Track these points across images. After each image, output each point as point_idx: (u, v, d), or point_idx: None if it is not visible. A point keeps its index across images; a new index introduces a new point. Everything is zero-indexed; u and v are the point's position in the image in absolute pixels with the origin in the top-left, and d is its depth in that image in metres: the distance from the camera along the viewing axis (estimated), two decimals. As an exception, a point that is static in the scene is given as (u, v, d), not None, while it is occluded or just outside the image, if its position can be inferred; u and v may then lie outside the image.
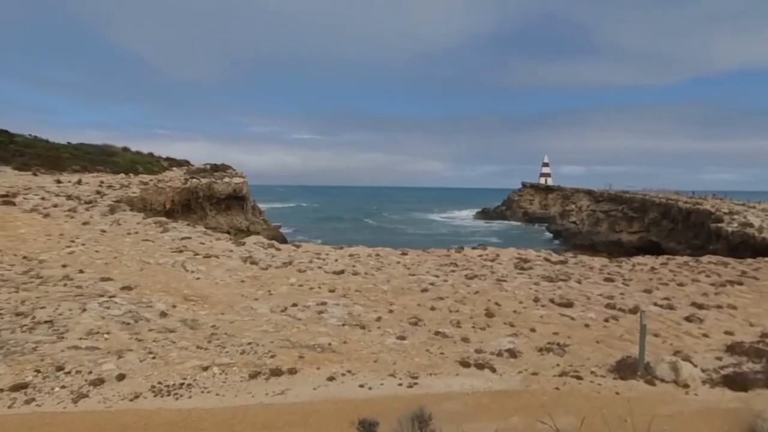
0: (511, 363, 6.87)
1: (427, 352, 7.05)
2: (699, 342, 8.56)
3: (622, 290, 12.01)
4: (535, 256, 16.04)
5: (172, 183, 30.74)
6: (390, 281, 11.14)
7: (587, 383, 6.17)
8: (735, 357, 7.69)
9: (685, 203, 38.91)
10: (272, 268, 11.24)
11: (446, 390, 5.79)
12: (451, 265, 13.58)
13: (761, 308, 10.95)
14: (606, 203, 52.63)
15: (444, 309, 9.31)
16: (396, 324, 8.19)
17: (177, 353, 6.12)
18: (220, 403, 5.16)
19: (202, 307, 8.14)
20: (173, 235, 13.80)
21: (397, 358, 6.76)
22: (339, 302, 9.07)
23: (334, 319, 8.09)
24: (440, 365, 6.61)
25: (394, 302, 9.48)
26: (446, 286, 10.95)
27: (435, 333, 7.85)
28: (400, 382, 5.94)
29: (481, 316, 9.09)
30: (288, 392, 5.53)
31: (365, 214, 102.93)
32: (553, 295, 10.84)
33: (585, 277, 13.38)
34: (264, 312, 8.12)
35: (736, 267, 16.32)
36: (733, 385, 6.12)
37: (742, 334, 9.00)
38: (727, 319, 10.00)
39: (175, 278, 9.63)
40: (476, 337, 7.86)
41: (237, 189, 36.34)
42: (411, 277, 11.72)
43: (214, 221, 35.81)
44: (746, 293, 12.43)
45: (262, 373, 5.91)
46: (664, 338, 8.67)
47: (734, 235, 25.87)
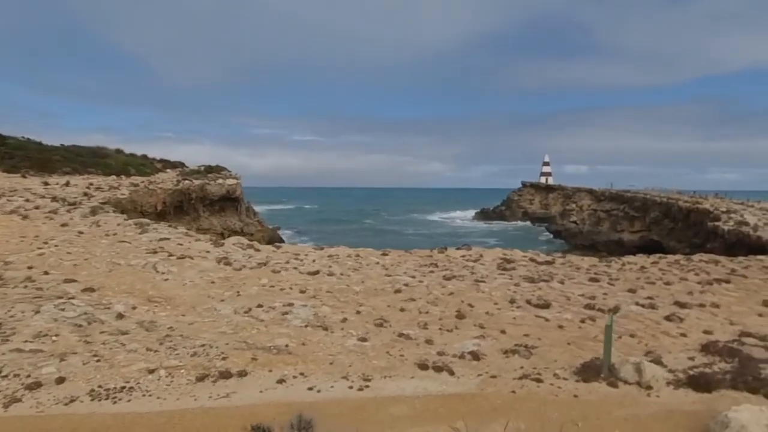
0: (472, 365, 6.72)
1: (387, 354, 6.92)
2: (676, 342, 8.40)
3: (606, 290, 11.83)
4: (521, 256, 15.87)
5: (164, 185, 30.73)
6: (364, 282, 11.01)
7: (547, 386, 6.02)
8: (708, 357, 7.52)
9: (685, 202, 38.62)
10: (246, 269, 11.13)
11: (398, 393, 5.65)
12: (431, 265, 13.43)
13: (745, 306, 10.77)
14: (607, 202, 52.31)
15: (414, 310, 9.17)
16: (361, 325, 8.06)
17: (124, 355, 6.01)
18: (158, 407, 5.05)
19: (163, 309, 8.04)
20: (151, 236, 13.72)
21: (355, 360, 6.63)
22: (307, 303, 8.95)
23: (298, 320, 7.97)
24: (398, 367, 6.48)
25: (364, 303, 9.35)
26: (421, 287, 10.81)
27: (399, 335, 7.72)
28: (351, 384, 5.81)
29: (451, 317, 8.94)
30: (233, 395, 5.41)
31: (365, 215, 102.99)
32: (531, 296, 10.68)
33: (569, 278, 13.20)
34: (227, 313, 8.01)
35: (727, 265, 16.10)
36: (697, 386, 5.95)
37: (721, 333, 8.83)
38: (709, 318, 9.82)
39: (143, 279, 9.54)
40: (441, 339, 7.72)
41: (230, 190, 36.31)
42: (387, 277, 11.59)
43: (207, 223, 35.82)
44: (733, 291, 12.24)
45: (211, 376, 5.80)
46: (640, 338, 8.51)
47: (730, 234, 25.60)
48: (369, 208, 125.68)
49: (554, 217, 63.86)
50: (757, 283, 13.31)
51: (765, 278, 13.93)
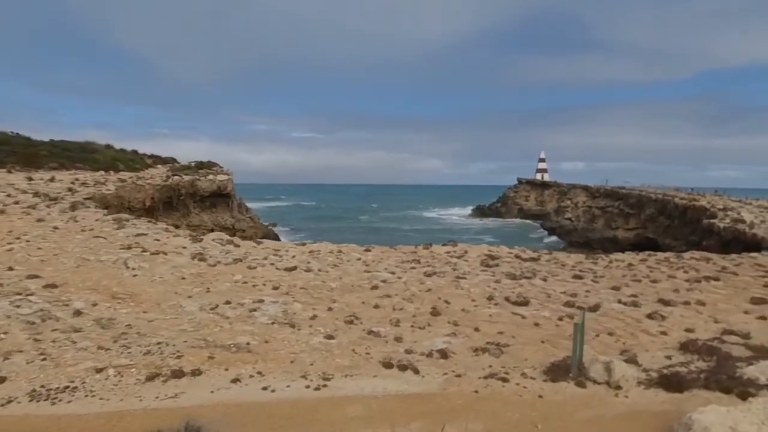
0: (439, 364, 6.53)
1: (352, 352, 6.72)
2: (655, 340, 8.22)
3: (589, 288, 11.64)
4: (507, 253, 15.67)
5: (153, 180, 30.42)
6: (342, 278, 10.80)
7: (512, 386, 5.82)
8: (687, 355, 7.34)
9: (682, 199, 38.47)
10: (221, 265, 10.92)
11: (356, 393, 5.45)
12: (413, 262, 13.23)
13: (731, 304, 10.59)
14: (602, 199, 52.13)
15: (388, 307, 8.96)
16: (330, 323, 7.86)
17: (73, 354, 5.80)
18: (99, 408, 4.84)
19: (126, 306, 7.82)
20: (128, 231, 13.48)
21: (318, 358, 6.43)
22: (278, 300, 8.74)
23: (266, 317, 7.76)
24: (361, 366, 6.28)
25: (338, 300, 9.15)
26: (399, 284, 10.61)
27: (369, 332, 7.51)
28: (309, 384, 5.61)
29: (425, 314, 8.74)
30: (181, 396, 5.20)
31: (363, 212, 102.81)
32: (511, 293, 10.48)
33: (553, 275, 13.01)
34: (192, 310, 7.79)
35: (718, 262, 15.92)
36: (668, 386, 5.76)
37: (703, 331, 8.65)
38: (692, 315, 9.64)
39: (110, 275, 9.31)
40: (412, 337, 7.52)
41: (221, 186, 36.01)
42: (366, 274, 11.38)
43: (198, 219, 35.54)
44: (720, 289, 12.06)
45: (162, 375, 5.58)
46: (618, 337, 8.33)
47: (726, 231, 25.45)
48: (366, 205, 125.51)
49: (549, 214, 63.68)
50: (746, 280, 13.14)
51: (755, 275, 13.76)
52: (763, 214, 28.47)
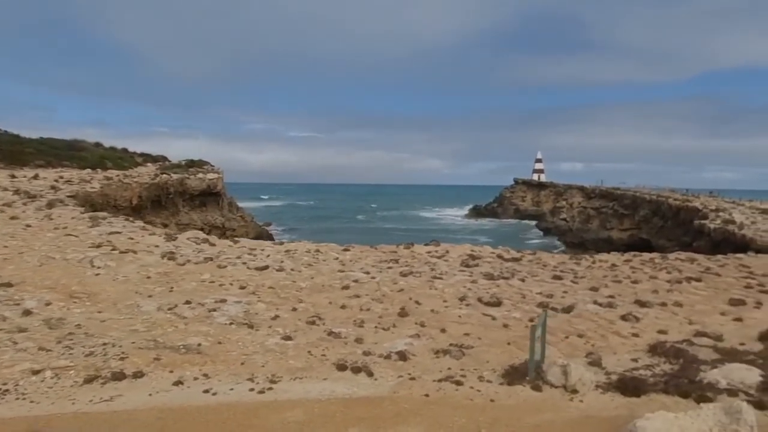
0: (397, 366, 6.36)
1: (308, 353, 6.55)
2: (626, 342, 8.07)
3: (567, 288, 11.49)
4: (489, 252, 15.52)
5: (140, 178, 30.22)
6: (314, 278, 10.64)
7: (466, 389, 5.66)
8: (655, 358, 7.20)
9: (675, 200, 38.42)
10: (191, 264, 10.75)
11: (301, 396, 5.28)
12: (391, 261, 13.08)
13: (710, 305, 10.45)
14: (597, 200, 52.09)
15: (356, 307, 8.80)
16: (292, 323, 7.69)
17: (11, 355, 5.62)
18: (27, 412, 4.66)
19: (82, 305, 7.65)
20: (102, 230, 13.30)
21: (271, 359, 6.26)
22: (242, 300, 8.57)
23: (225, 317, 7.59)
24: (315, 368, 6.11)
25: (305, 300, 8.98)
26: (371, 284, 10.44)
27: (329, 333, 7.35)
28: (254, 386, 5.43)
29: (393, 315, 8.58)
30: (117, 399, 5.02)
31: (360, 212, 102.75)
32: (485, 294, 10.32)
33: (532, 275, 12.87)
34: (148, 310, 7.62)
35: (702, 263, 15.81)
36: (625, 390, 5.60)
37: (677, 333, 8.51)
38: (668, 317, 9.49)
39: (72, 274, 9.14)
40: (373, 338, 7.35)
41: (211, 185, 35.82)
42: (340, 273, 11.22)
43: (187, 218, 35.35)
44: (701, 290, 11.92)
45: (101, 378, 5.41)
46: (588, 338, 8.18)
47: (716, 232, 25.36)
48: (365, 204, 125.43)
49: (545, 215, 63.59)
50: (729, 281, 13.00)
51: (738, 276, 13.63)
52: (755, 215, 28.39)
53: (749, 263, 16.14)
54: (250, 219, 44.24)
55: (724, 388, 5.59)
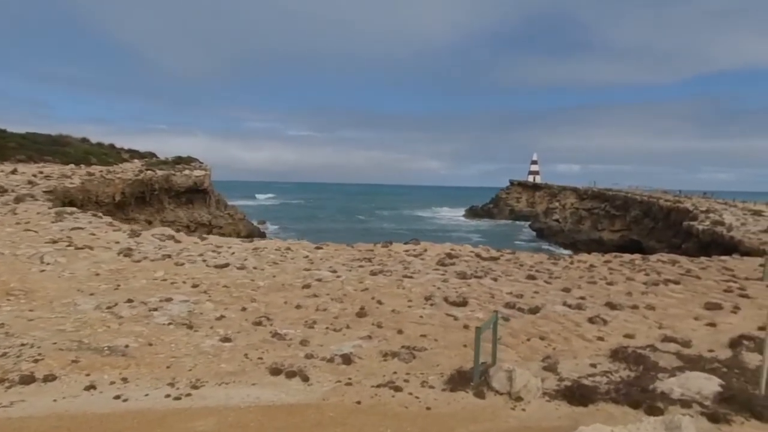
0: (338, 370, 5.98)
1: (244, 357, 6.16)
2: (589, 346, 7.71)
3: (539, 289, 11.13)
4: (468, 251, 15.16)
5: (123, 174, 29.76)
6: (276, 276, 10.26)
7: (403, 396, 5.28)
8: (615, 363, 6.83)
9: (666, 201, 38.14)
10: (146, 261, 10.34)
11: (219, 403, 4.90)
12: (364, 260, 12.70)
13: (684, 309, 10.10)
14: (589, 201, 51.76)
15: (311, 307, 8.42)
16: (236, 324, 7.31)
17: None
18: None
19: (15, 303, 7.25)
20: (65, 225, 12.89)
21: (201, 363, 5.88)
22: (190, 299, 8.18)
23: (165, 317, 7.20)
24: (246, 372, 5.73)
25: (259, 299, 8.60)
26: (335, 283, 10.06)
27: (274, 334, 6.97)
28: (172, 392, 5.05)
29: (350, 315, 8.21)
30: (17, 405, 4.63)
31: (357, 211, 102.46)
32: (453, 294, 9.95)
33: (507, 275, 12.50)
34: (85, 309, 7.23)
35: (684, 265, 15.47)
36: (572, 398, 5.24)
37: (644, 337, 8.16)
38: (638, 320, 9.14)
39: (15, 270, 8.73)
40: (321, 340, 6.98)
41: (198, 182, 35.36)
42: (305, 272, 10.83)
43: (173, 215, 34.93)
44: (678, 292, 11.57)
45: (8, 381, 5.02)
46: (550, 341, 7.82)
47: (704, 234, 25.06)
48: (362, 204, 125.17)
49: (538, 216, 63.29)
50: (709, 284, 12.66)
51: (719, 279, 13.29)
52: (746, 216, 28.10)
53: (733, 266, 15.81)
54: (242, 217, 43.80)
55: (677, 399, 5.23)
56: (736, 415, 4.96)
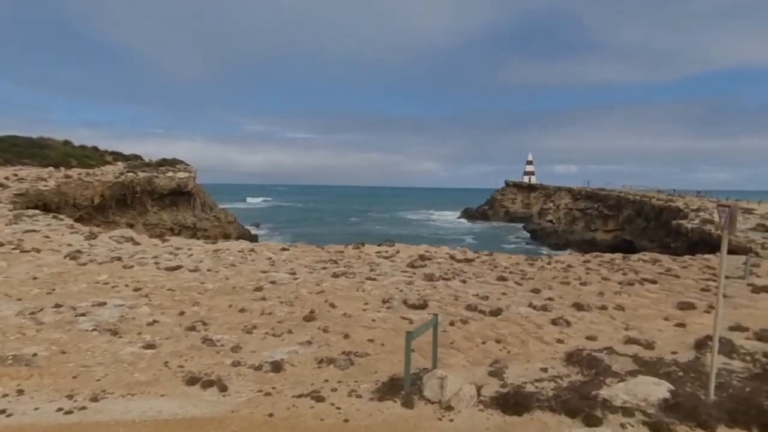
0: (264, 379, 5.58)
1: (163, 365, 5.75)
2: (546, 349, 7.31)
3: (508, 290, 10.75)
4: (444, 253, 14.77)
5: (103, 177, 29.30)
6: (229, 279, 9.85)
7: (324, 407, 4.88)
8: (568, 368, 6.44)
9: (658, 200, 37.84)
10: (93, 264, 9.94)
11: (114, 417, 4.49)
12: (330, 262, 12.30)
13: (656, 309, 9.73)
14: (583, 201, 51.45)
15: (256, 311, 8.02)
16: (168, 329, 6.90)
17: None
18: None
19: (-68, 309, 6.84)
20: (20, 227, 12.48)
21: (113, 372, 5.47)
22: (127, 303, 7.77)
23: (91, 323, 6.78)
24: (160, 382, 5.32)
25: (202, 303, 8.19)
26: (291, 285, 9.66)
27: (205, 340, 6.56)
28: (64, 406, 4.63)
29: (296, 319, 7.80)
30: None
31: (352, 213, 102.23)
32: (415, 296, 9.56)
33: (477, 276, 12.12)
34: (6, 315, 6.80)
35: (665, 264, 15.15)
36: (506, 407, 4.85)
37: (607, 339, 7.78)
38: (605, 321, 8.76)
39: (-54, 275, 8.35)
40: (255, 346, 6.57)
41: (181, 184, 34.91)
42: (262, 274, 10.43)
43: (156, 218, 34.49)
44: (653, 292, 11.21)
45: None
46: (506, 344, 7.42)
47: (693, 233, 24.73)
48: (357, 206, 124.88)
49: (532, 216, 62.97)
50: (687, 283, 12.30)
51: (699, 278, 12.94)
52: (740, 215, 27.80)
53: (716, 264, 15.46)
54: (232, 219, 43.37)
55: (620, 406, 4.84)
56: (681, 424, 4.59)
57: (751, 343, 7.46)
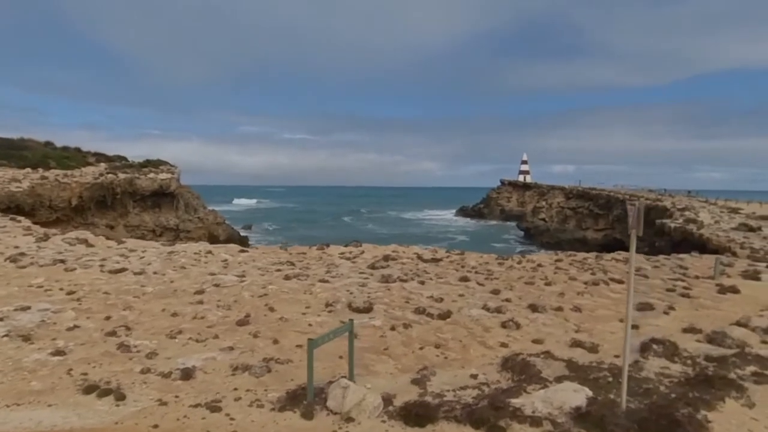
0: (169, 387, 5.34)
1: (66, 372, 5.51)
2: (487, 354, 7.08)
3: (466, 291, 10.52)
4: (412, 253, 14.54)
5: (82, 178, 29.02)
6: (173, 282, 9.61)
7: (217, 418, 4.65)
8: (502, 373, 6.23)
9: (647, 199, 37.65)
10: (33, 267, 9.70)
11: None
12: (287, 263, 12.06)
13: (614, 310, 9.53)
14: (575, 200, 51.27)
15: (188, 316, 7.78)
16: (86, 335, 6.66)
17: None
18: None
19: None
20: (-30, 230, 12.22)
21: (8, 380, 5.23)
22: (53, 307, 7.53)
23: (5, 328, 6.54)
24: (55, 391, 5.08)
25: (135, 307, 7.95)
26: (236, 288, 9.42)
27: (120, 346, 6.32)
28: (-62, 418, 4.41)
29: (229, 324, 7.56)
30: None
31: (347, 214, 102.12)
32: (364, 298, 9.33)
33: (439, 277, 11.90)
34: None
35: (637, 264, 14.91)
36: (408, 418, 4.61)
37: (554, 342, 7.57)
38: (557, 324, 8.53)
39: None
40: (174, 352, 6.33)
41: (164, 185, 34.62)
42: (210, 276, 10.20)
43: (138, 219, 34.21)
44: (617, 292, 11.00)
45: None
46: (446, 349, 7.19)
47: (676, 232, 24.55)
48: (354, 207, 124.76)
49: (526, 215, 62.79)
50: (655, 283, 12.09)
51: (668, 278, 12.73)
52: (723, 214, 27.62)
53: (690, 263, 15.28)
54: (221, 221, 43.06)
55: (529, 416, 4.61)
56: (586, 435, 4.36)
57: (698, 346, 7.25)
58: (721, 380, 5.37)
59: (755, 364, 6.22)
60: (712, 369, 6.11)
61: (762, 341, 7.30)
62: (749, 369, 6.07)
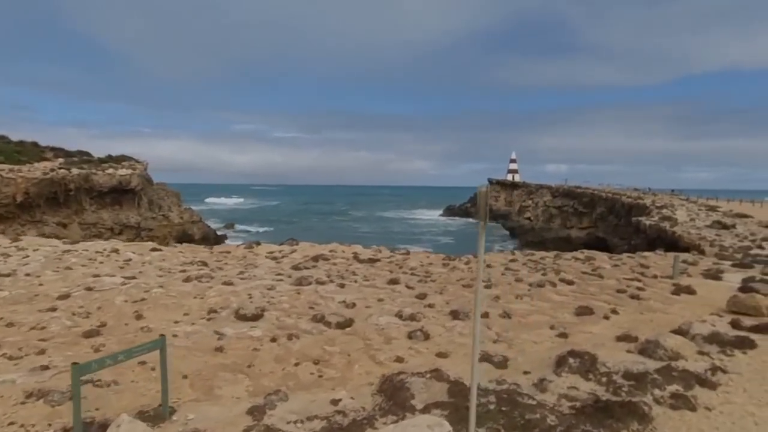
0: None
1: None
2: (373, 371, 6.03)
3: (387, 296, 9.42)
4: (350, 253, 13.43)
5: (30, 173, 27.57)
6: (43, 285, 8.39)
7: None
8: (374, 397, 5.11)
9: (628, 198, 36.92)
10: None
11: None
12: (199, 263, 10.89)
13: (549, 315, 8.50)
14: (560, 198, 50.42)
15: (27, 325, 6.57)
16: None
17: None
18: None
19: None
20: None
21: None
22: None
23: None
24: None
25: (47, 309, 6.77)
26: (111, 292, 8.24)
27: None
28: None
29: (74, 335, 6.39)
30: None
31: (334, 212, 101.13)
32: (257, 304, 8.18)
33: (366, 279, 10.80)
34: None
35: (597, 263, 14.00)
36: None
37: (460, 354, 6.62)
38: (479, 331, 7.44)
39: None
40: None
41: (123, 181, 33.15)
42: (91, 278, 9.01)
43: (95, 217, 32.73)
44: (563, 294, 10.01)
45: None
46: (328, 366, 6.12)
47: (651, 229, 23.69)
48: (343, 206, 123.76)
49: (511, 214, 61.97)
50: (608, 284, 11.04)
51: (624, 278, 11.73)
52: (700, 212, 26.81)
53: (652, 262, 14.30)
54: (197, 219, 41.71)
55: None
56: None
57: (623, 359, 6.16)
58: (622, 408, 4.30)
59: (679, 382, 5.15)
60: (626, 389, 5.04)
61: (698, 352, 6.24)
62: (670, 389, 5.00)
